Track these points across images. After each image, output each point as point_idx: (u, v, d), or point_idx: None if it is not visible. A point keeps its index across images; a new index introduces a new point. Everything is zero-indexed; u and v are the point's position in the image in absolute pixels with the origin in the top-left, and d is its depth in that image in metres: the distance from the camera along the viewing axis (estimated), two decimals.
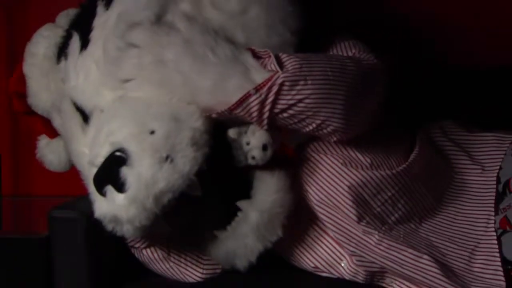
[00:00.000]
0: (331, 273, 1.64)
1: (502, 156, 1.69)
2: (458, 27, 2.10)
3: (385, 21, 2.10)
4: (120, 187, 1.42)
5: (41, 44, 1.75)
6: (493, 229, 1.59)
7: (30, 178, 2.29)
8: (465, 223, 1.63)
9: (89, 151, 1.54)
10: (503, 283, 1.50)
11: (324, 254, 1.63)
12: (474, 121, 1.82)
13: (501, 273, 1.52)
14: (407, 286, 1.57)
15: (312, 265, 1.64)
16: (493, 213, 1.62)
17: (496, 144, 1.72)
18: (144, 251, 1.65)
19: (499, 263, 1.53)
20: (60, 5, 1.86)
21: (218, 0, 1.57)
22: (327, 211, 1.58)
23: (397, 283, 1.59)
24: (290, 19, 1.59)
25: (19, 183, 2.30)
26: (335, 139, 1.56)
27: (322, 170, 1.59)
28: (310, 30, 1.63)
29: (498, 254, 1.55)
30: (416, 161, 1.65)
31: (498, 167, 1.68)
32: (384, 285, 1.61)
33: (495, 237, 1.58)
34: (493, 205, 1.63)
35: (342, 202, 1.56)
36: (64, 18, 1.78)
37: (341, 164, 1.58)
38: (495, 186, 1.66)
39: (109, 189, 1.44)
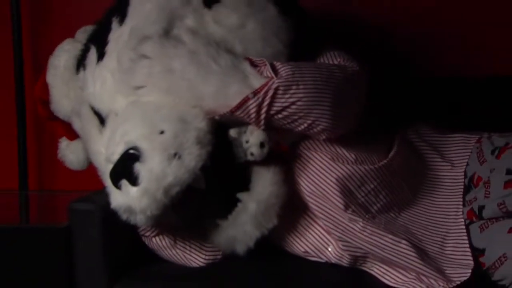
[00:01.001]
0: (319, 257, 1.61)
1: (469, 153, 1.68)
2: (430, 42, 2.09)
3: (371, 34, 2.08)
4: (133, 181, 1.40)
5: (62, 57, 1.74)
6: (461, 218, 1.58)
7: (53, 175, 2.26)
8: (437, 213, 1.62)
9: (105, 150, 1.52)
10: (471, 262, 1.48)
11: (313, 240, 1.60)
12: (444, 124, 1.80)
13: (469, 253, 1.50)
14: (385, 269, 1.55)
15: (303, 250, 1.62)
16: (461, 204, 1.60)
17: (463, 144, 1.71)
18: (153, 239, 1.62)
19: (467, 246, 1.51)
20: (79, 22, 1.84)
21: (219, 16, 1.56)
22: (317, 201, 1.56)
23: (377, 267, 1.57)
24: (283, 33, 1.59)
25: (43, 179, 2.27)
26: (324, 137, 1.55)
27: (312, 165, 1.57)
28: (300, 41, 1.63)
29: (466, 238, 1.53)
30: (395, 158, 1.64)
31: (465, 164, 1.66)
32: (365, 269, 1.59)
33: (463, 225, 1.56)
34: (461, 197, 1.62)
35: (331, 193, 1.54)
36: (82, 33, 1.76)
37: (330, 159, 1.56)
38: (463, 180, 1.64)
39: (124, 182, 1.42)
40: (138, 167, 1.40)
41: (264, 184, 1.51)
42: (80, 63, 1.67)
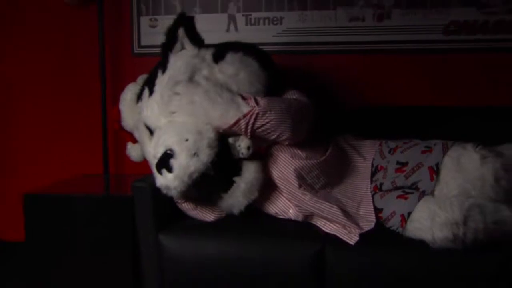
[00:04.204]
0: (284, 216, 1.55)
1: (374, 152, 1.62)
2: (351, 86, 2.02)
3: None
4: (169, 170, 1.39)
5: (128, 93, 1.69)
6: (369, 191, 1.52)
7: (123, 164, 2.19)
8: (355, 188, 1.56)
9: (153, 150, 1.48)
10: (374, 219, 1.43)
11: (280, 206, 1.54)
12: (360, 134, 1.73)
13: (373, 214, 1.45)
14: (324, 222, 1.48)
15: (273, 212, 1.56)
16: (369, 183, 1.54)
17: (371, 146, 1.65)
18: (183, 204, 1.55)
19: (372, 209, 1.46)
20: (139, 72, 1.78)
21: (222, 68, 1.53)
22: (282, 183, 1.51)
23: (319, 221, 1.50)
24: (263, 79, 1.56)
25: (118, 167, 2.20)
26: (286, 143, 1.53)
27: (279, 160, 1.52)
28: (273, 84, 1.59)
29: (372, 204, 1.47)
30: (330, 155, 1.59)
31: (372, 158, 1.60)
32: (312, 222, 1.52)
33: (370, 196, 1.50)
34: (369, 178, 1.56)
35: (290, 177, 1.50)
36: (141, 79, 1.72)
37: (290, 156, 1.52)
38: (370, 168, 1.58)
39: (164, 171, 1.40)
40: (172, 161, 1.39)
41: (250, 172, 1.46)
42: (139, 97, 1.64)
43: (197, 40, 1.57)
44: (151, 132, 1.54)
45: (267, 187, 1.51)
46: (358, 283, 1.32)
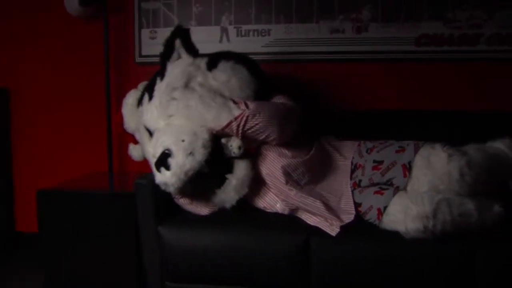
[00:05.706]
0: (271, 209, 1.52)
1: (353, 152, 1.60)
2: (336, 90, 2.00)
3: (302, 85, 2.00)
4: (167, 168, 1.36)
5: (130, 99, 1.67)
6: (349, 187, 1.50)
7: (126, 163, 2.15)
8: (336, 184, 1.54)
9: (152, 150, 1.45)
10: (354, 212, 1.41)
11: (268, 200, 1.52)
12: (341, 135, 1.71)
13: (353, 207, 1.43)
14: (308, 215, 1.46)
15: (262, 206, 1.53)
16: (349, 180, 1.53)
17: (351, 146, 1.63)
18: (180, 199, 1.52)
19: (352, 203, 1.44)
20: (140, 79, 1.75)
21: (215, 76, 1.51)
22: (270, 179, 1.49)
23: (304, 214, 1.47)
24: (252, 85, 1.54)
25: (121, 166, 2.16)
26: (274, 143, 1.51)
27: (268, 158, 1.50)
28: (261, 90, 1.57)
29: (351, 199, 1.46)
30: (313, 155, 1.57)
31: (352, 157, 1.59)
32: (297, 215, 1.49)
33: (350, 191, 1.49)
34: (349, 175, 1.54)
35: (278, 174, 1.47)
36: (141, 86, 1.69)
37: (277, 155, 1.51)
38: (350, 166, 1.56)
39: (162, 169, 1.37)
40: (170, 160, 1.36)
41: (241, 169, 1.44)
42: (140, 102, 1.61)
43: (192, 50, 1.55)
44: (150, 133, 1.51)
45: (257, 183, 1.49)
46: (340, 270, 1.31)
